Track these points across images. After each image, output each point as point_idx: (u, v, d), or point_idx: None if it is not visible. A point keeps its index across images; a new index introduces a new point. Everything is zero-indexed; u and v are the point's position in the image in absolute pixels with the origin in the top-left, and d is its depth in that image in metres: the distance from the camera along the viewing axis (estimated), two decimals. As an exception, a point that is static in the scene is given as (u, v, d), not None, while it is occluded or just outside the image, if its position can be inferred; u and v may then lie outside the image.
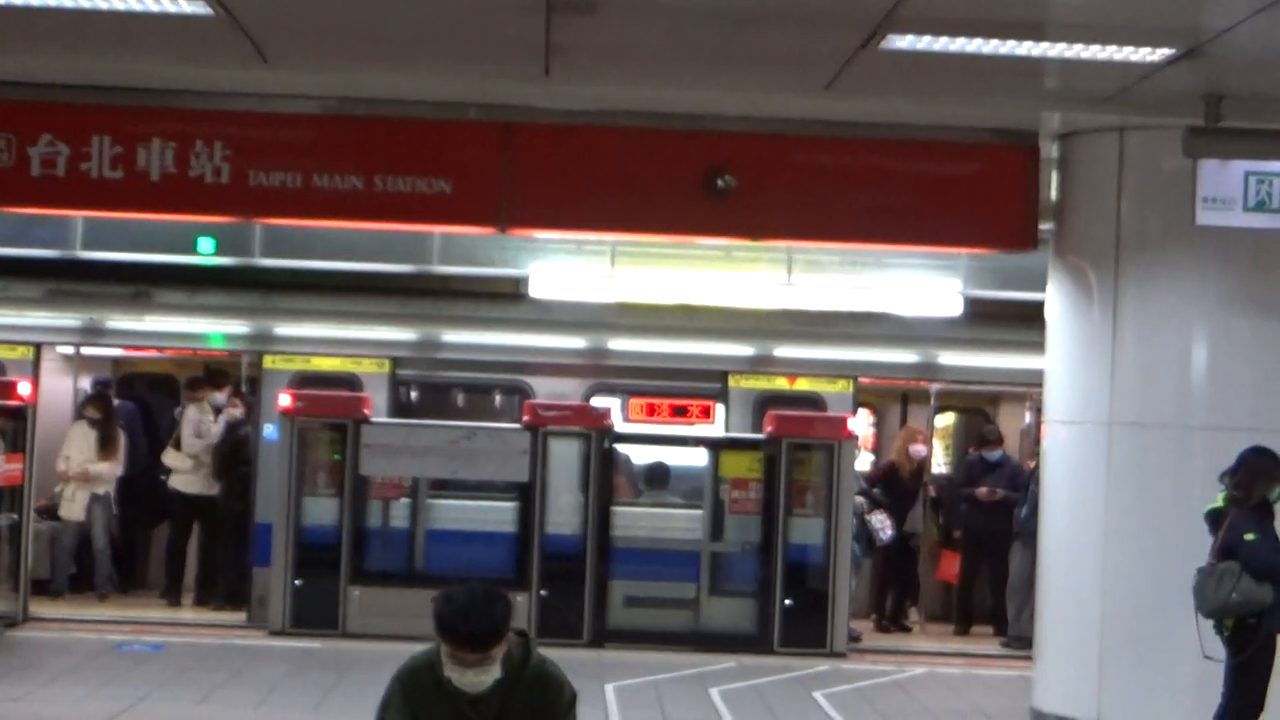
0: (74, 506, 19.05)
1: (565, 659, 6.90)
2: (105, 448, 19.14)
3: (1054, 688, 12.87)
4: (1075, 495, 12.65)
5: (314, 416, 18.00)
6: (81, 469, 18.98)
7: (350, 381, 19.00)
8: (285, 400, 17.95)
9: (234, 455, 19.03)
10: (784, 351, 19.42)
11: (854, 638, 18.19)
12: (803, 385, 19.40)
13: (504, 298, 19.64)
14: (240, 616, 18.48)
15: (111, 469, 19.21)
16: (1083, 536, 12.53)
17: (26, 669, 15.36)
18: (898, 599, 20.05)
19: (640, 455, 19.46)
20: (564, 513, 18.17)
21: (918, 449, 19.84)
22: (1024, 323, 17.93)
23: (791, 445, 17.97)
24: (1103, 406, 12.36)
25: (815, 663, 17.08)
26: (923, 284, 19.20)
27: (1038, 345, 13.57)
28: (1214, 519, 11.04)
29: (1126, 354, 12.30)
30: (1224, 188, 11.63)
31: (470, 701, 6.45)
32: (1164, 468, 12.22)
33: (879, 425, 21.94)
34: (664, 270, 18.83)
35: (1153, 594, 12.05)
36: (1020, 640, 17.82)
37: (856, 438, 18.62)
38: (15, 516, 17.68)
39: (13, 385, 17.70)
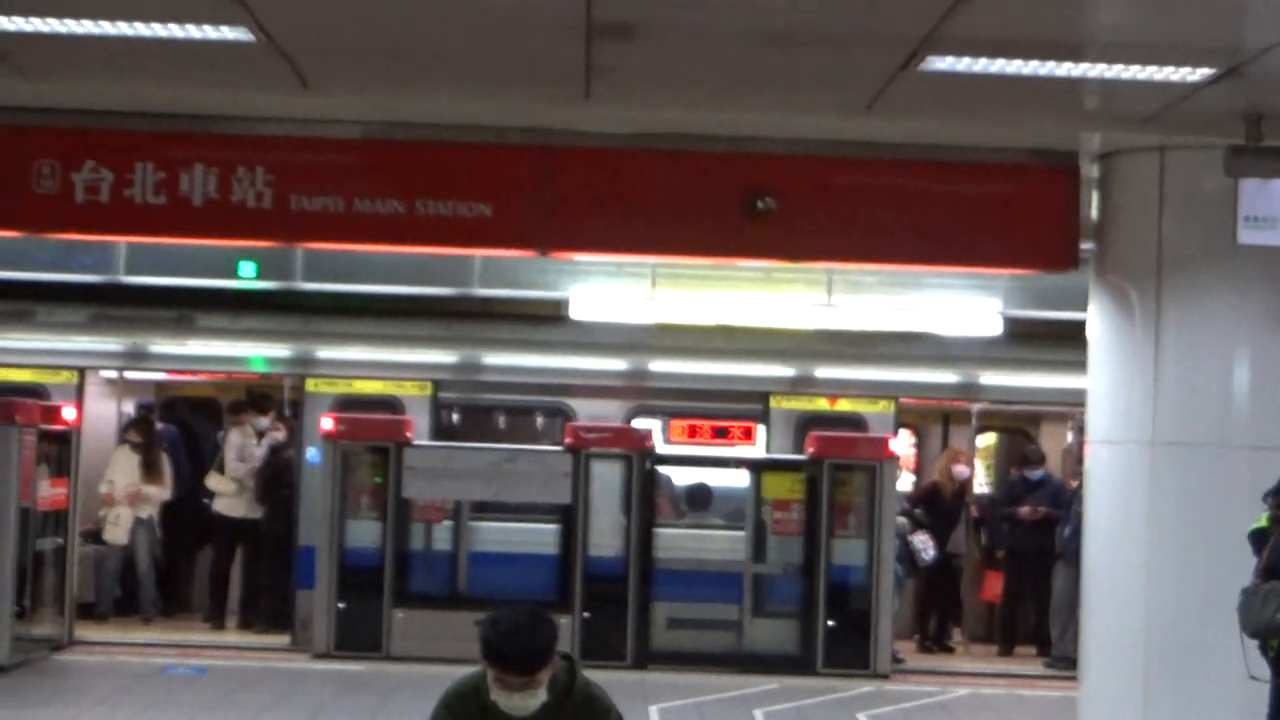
0: (118, 530, 19.15)
1: (608, 681, 6.91)
2: (149, 472, 19.23)
3: (1099, 709, 12.81)
4: (1118, 515, 12.60)
5: (356, 439, 18.06)
6: (132, 490, 19.05)
7: (392, 404, 19.05)
8: (328, 423, 18.01)
9: (276, 479, 19.09)
10: (825, 372, 19.42)
11: (897, 659, 18.15)
12: (844, 406, 19.40)
13: (545, 320, 19.69)
14: (284, 639, 18.53)
15: (158, 492, 19.29)
16: (1126, 557, 12.48)
17: (72, 692, 15.42)
18: (940, 620, 20.01)
19: (682, 477, 19.47)
20: (606, 535, 18.19)
21: (960, 469, 19.80)
22: (1065, 342, 17.93)
23: (833, 466, 17.97)
24: (1145, 426, 12.32)
25: (858, 684, 17.06)
26: (963, 304, 19.20)
27: (1079, 365, 13.54)
28: (1258, 539, 10.98)
29: (1168, 373, 12.25)
30: (1265, 206, 11.61)
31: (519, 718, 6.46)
32: (1207, 487, 12.17)
33: (920, 445, 21.90)
34: (704, 292, 18.87)
35: (1197, 614, 11.99)
36: (1064, 660, 17.77)
37: (898, 458, 18.60)
38: (60, 540, 17.75)
39: (57, 410, 17.79)
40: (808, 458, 18.15)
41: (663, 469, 18.89)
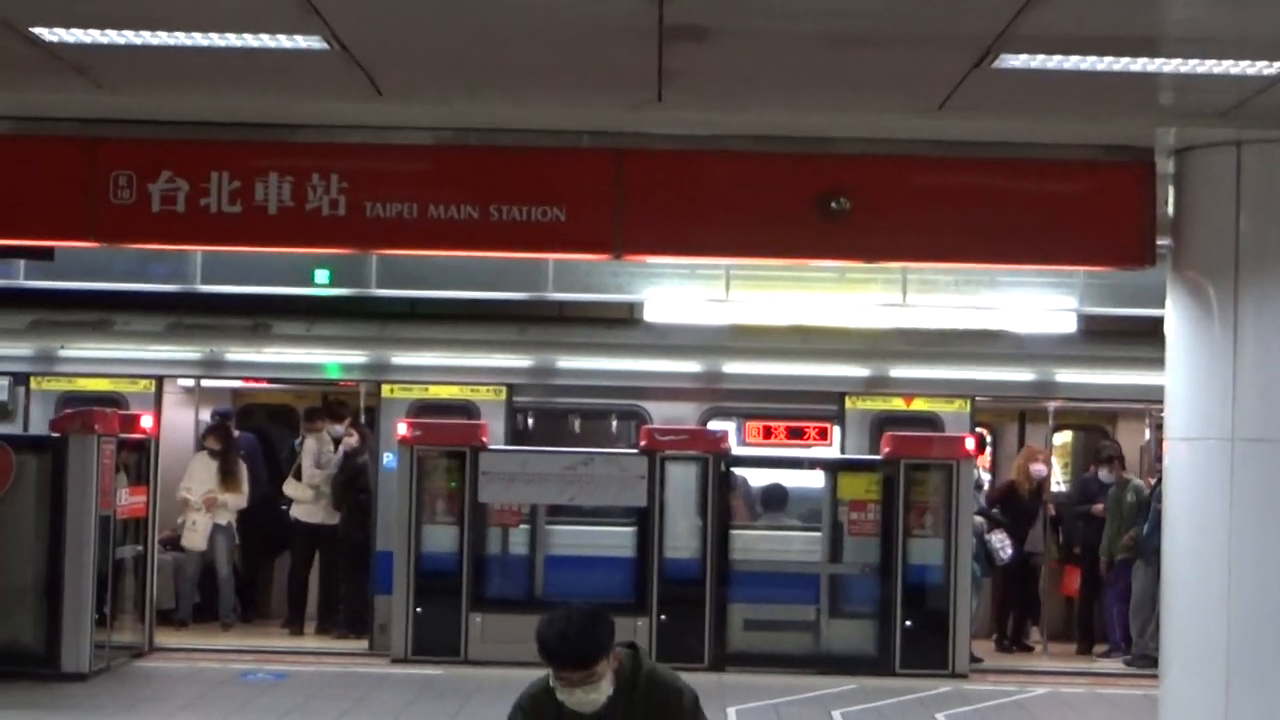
0: (196, 536, 19.28)
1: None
2: (226, 479, 19.35)
3: (1180, 708, 12.72)
4: (1198, 512, 12.51)
5: (432, 445, 18.13)
6: (208, 496, 19.17)
7: (467, 409, 19.12)
8: (403, 429, 18.08)
9: (351, 484, 19.16)
10: (900, 372, 19.39)
11: (975, 659, 18.09)
12: (919, 405, 19.35)
13: (619, 323, 19.73)
14: (362, 644, 18.62)
15: (235, 499, 19.41)
16: (1206, 554, 12.39)
17: (153, 699, 15.53)
18: (1019, 619, 19.93)
19: (757, 478, 19.46)
20: (682, 537, 18.21)
21: (1038, 468, 19.73)
22: (1141, 339, 17.85)
23: (909, 466, 17.95)
24: (1225, 422, 12.22)
25: (936, 684, 17.03)
26: (1038, 302, 19.13)
27: (1156, 362, 13.46)
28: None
29: (1248, 369, 12.16)
30: (1343, 199, 11.54)
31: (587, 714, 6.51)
32: (1289, 483, 12.08)
33: (996, 444, 21.83)
34: (778, 293, 18.87)
35: (1280, 611, 11.92)
36: (1144, 659, 17.70)
37: (974, 457, 18.54)
38: (140, 548, 17.88)
39: (136, 418, 17.92)
40: (883, 458, 18.13)
41: (738, 470, 18.88)
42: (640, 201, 12.59)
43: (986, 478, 21.04)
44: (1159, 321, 13.34)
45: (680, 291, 19.05)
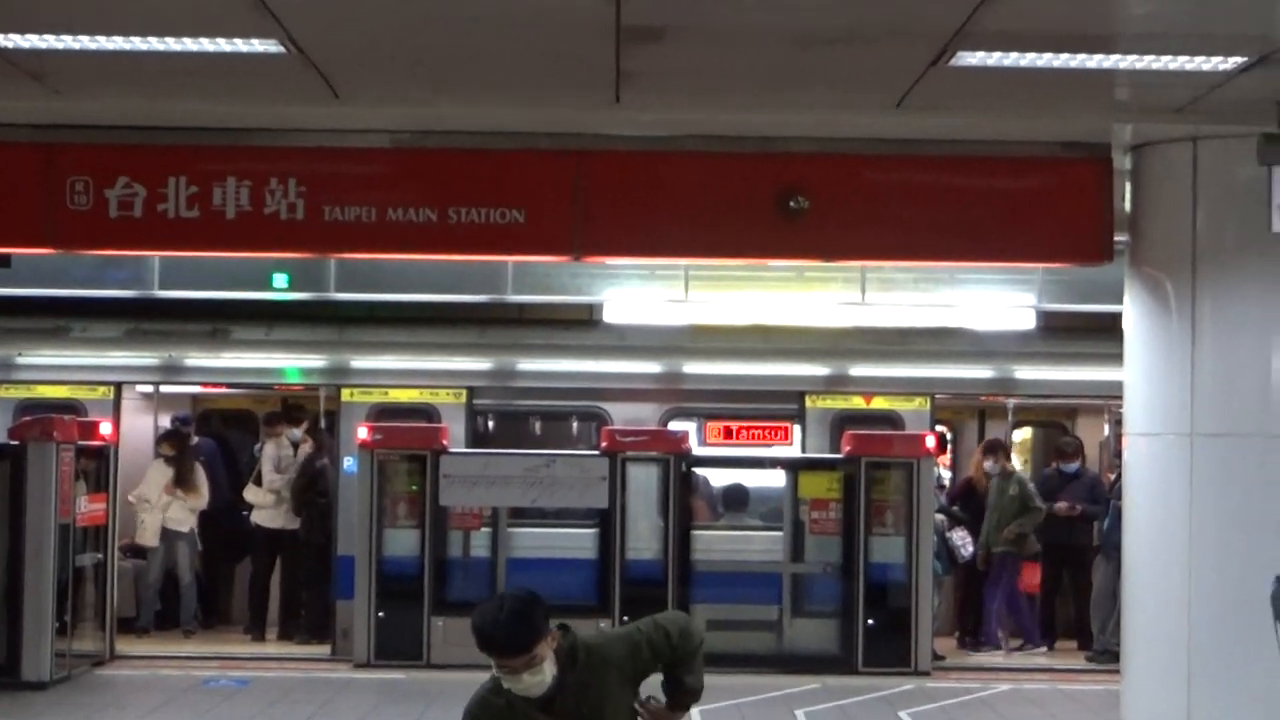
0: (147, 533, 19.20)
1: (649, 684, 6.96)
2: (182, 484, 19.27)
3: (1142, 702, 12.77)
4: (1158, 507, 12.56)
5: (392, 448, 18.09)
6: (169, 487, 19.09)
7: (427, 412, 19.09)
8: (364, 433, 18.05)
9: (310, 488, 19.12)
10: (860, 370, 19.42)
11: (938, 656, 18.12)
12: (879, 404, 19.39)
13: (578, 324, 19.72)
14: (324, 649, 18.58)
15: (195, 500, 19.34)
16: (1167, 549, 12.45)
17: (115, 707, 15.47)
18: (978, 615, 19.97)
19: (718, 478, 19.47)
20: (644, 538, 18.20)
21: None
22: (1100, 335, 17.91)
23: (870, 464, 17.96)
24: (1184, 417, 12.28)
25: (900, 682, 17.06)
26: (997, 299, 19.18)
27: (1115, 357, 13.51)
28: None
29: (1206, 364, 12.21)
30: (1299, 194, 11.58)
31: (541, 707, 6.54)
32: (1247, 477, 12.12)
33: (956, 442, 21.87)
34: (737, 292, 18.88)
35: (1240, 605, 11.95)
36: (1106, 654, 17.76)
37: (935, 455, 18.56)
38: (100, 556, 17.81)
39: (95, 425, 17.85)
40: (844, 456, 18.15)
41: (699, 471, 18.89)
42: (599, 203, 12.59)
43: (947, 475, 21.07)
44: (1118, 317, 13.41)
45: (640, 292, 19.05)
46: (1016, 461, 21.43)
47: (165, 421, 20.62)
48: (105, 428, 17.98)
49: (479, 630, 6.47)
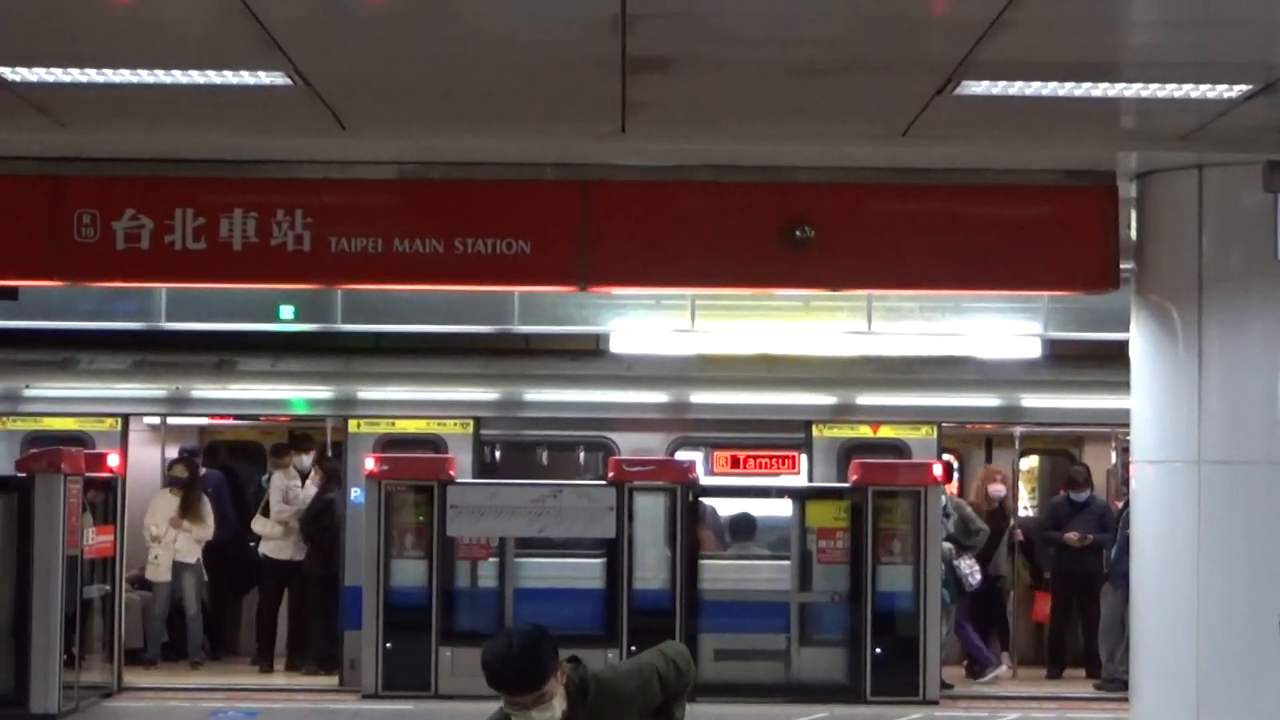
0: (159, 569, 19.19)
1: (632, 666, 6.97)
2: (189, 513, 19.26)
3: (1151, 730, 12.76)
4: (1166, 535, 12.55)
5: (399, 479, 18.08)
6: (175, 518, 19.07)
7: (434, 443, 19.08)
8: (371, 464, 18.04)
9: (318, 520, 19.10)
10: (866, 399, 19.41)
11: (946, 685, 18.08)
12: (886, 433, 19.37)
13: (585, 355, 19.74)
14: (332, 680, 18.55)
15: (200, 530, 19.33)
16: (1175, 576, 12.43)
17: (123, 739, 15.46)
18: (985, 643, 19.95)
19: (726, 508, 19.46)
20: (651, 567, 18.18)
21: (996, 489, 19.77)
22: (1107, 363, 17.90)
23: (877, 493, 17.93)
24: (1191, 445, 12.27)
25: (907, 711, 17.01)
26: (1003, 327, 19.18)
27: (1121, 385, 13.51)
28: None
29: (1213, 391, 12.20)
30: (1306, 221, 11.60)
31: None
32: (1255, 504, 12.11)
33: (963, 470, 21.85)
34: (744, 322, 18.87)
35: (1249, 632, 11.94)
36: (1114, 682, 17.72)
37: (942, 483, 18.54)
38: (107, 587, 17.80)
39: (102, 457, 17.85)
40: (851, 485, 18.13)
41: (707, 500, 18.88)
42: (605, 233, 12.60)
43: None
44: (1124, 345, 13.39)
45: (646, 322, 19.05)
46: (1024, 490, 21.43)
47: (172, 453, 20.62)
48: (113, 459, 17.98)
49: (488, 666, 6.46)
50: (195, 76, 10.34)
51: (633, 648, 17.57)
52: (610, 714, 6.65)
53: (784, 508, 18.76)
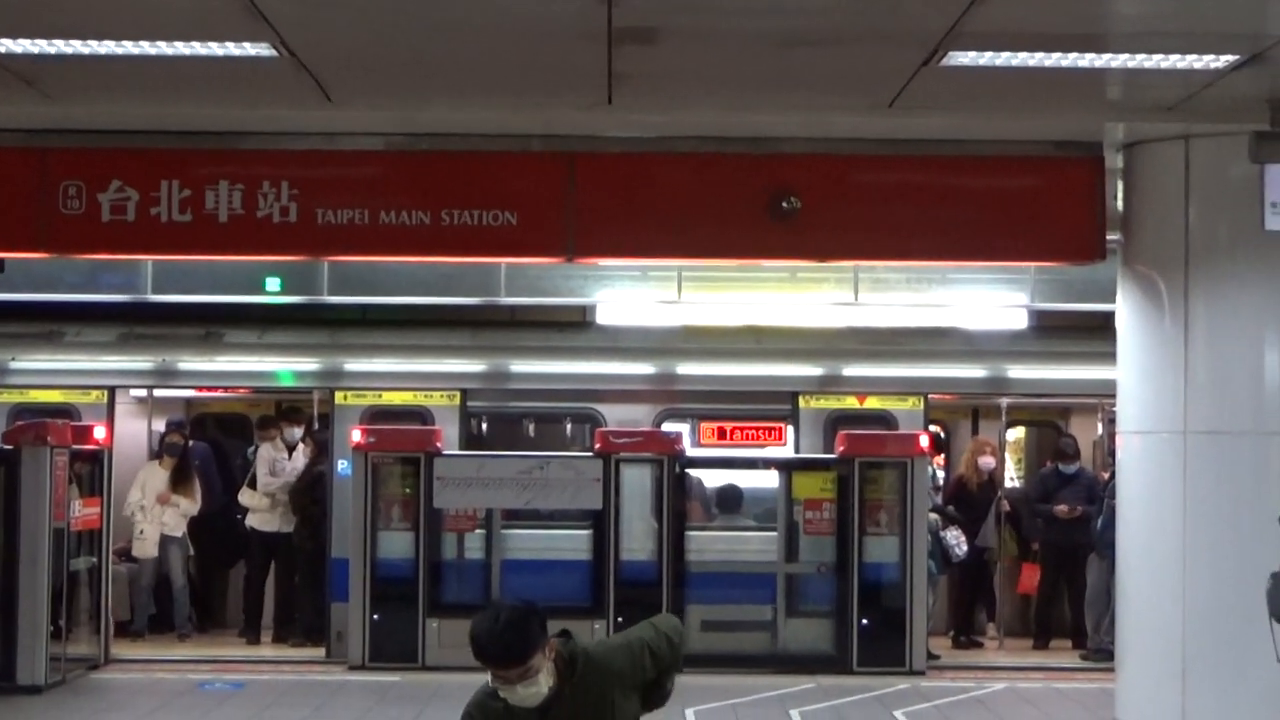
0: (146, 544, 19.18)
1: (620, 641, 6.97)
2: (180, 485, 19.25)
3: (1137, 699, 12.80)
4: (1152, 505, 12.59)
5: (386, 451, 18.07)
6: (164, 494, 19.06)
7: (421, 415, 19.08)
8: (357, 436, 18.04)
9: (308, 493, 19.10)
10: (853, 370, 19.43)
11: (932, 656, 18.12)
12: (873, 404, 19.39)
13: (572, 326, 19.74)
14: (319, 652, 18.56)
15: (189, 504, 19.32)
16: (1161, 546, 12.47)
17: (110, 711, 15.47)
18: (970, 613, 19.99)
19: (712, 479, 19.48)
20: (638, 539, 18.19)
21: (986, 461, 19.78)
22: (1093, 334, 17.93)
23: (864, 464, 17.95)
24: (1177, 415, 12.30)
25: (894, 681, 17.05)
26: (989, 299, 19.19)
27: (1108, 356, 13.54)
28: (1293, 524, 10.97)
29: (1199, 362, 12.24)
30: (1291, 192, 11.62)
31: (539, 716, 6.54)
32: (1241, 474, 12.15)
33: (950, 441, 21.88)
34: (730, 293, 18.89)
35: (1234, 602, 11.98)
36: (1100, 653, 17.76)
37: (928, 454, 18.57)
38: (94, 560, 17.80)
39: (88, 429, 17.84)
40: (838, 457, 18.14)
41: (693, 472, 18.90)
42: (592, 204, 12.62)
43: (940, 475, 21.07)
44: (1110, 316, 13.42)
45: (632, 294, 19.05)
46: (1010, 461, 21.45)
47: (159, 426, 20.58)
48: (99, 432, 17.97)
49: (474, 640, 6.45)
50: (181, 48, 10.33)
51: (620, 619, 17.61)
52: (599, 689, 6.65)
53: (770, 479, 18.78)
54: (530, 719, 6.56)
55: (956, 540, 19.05)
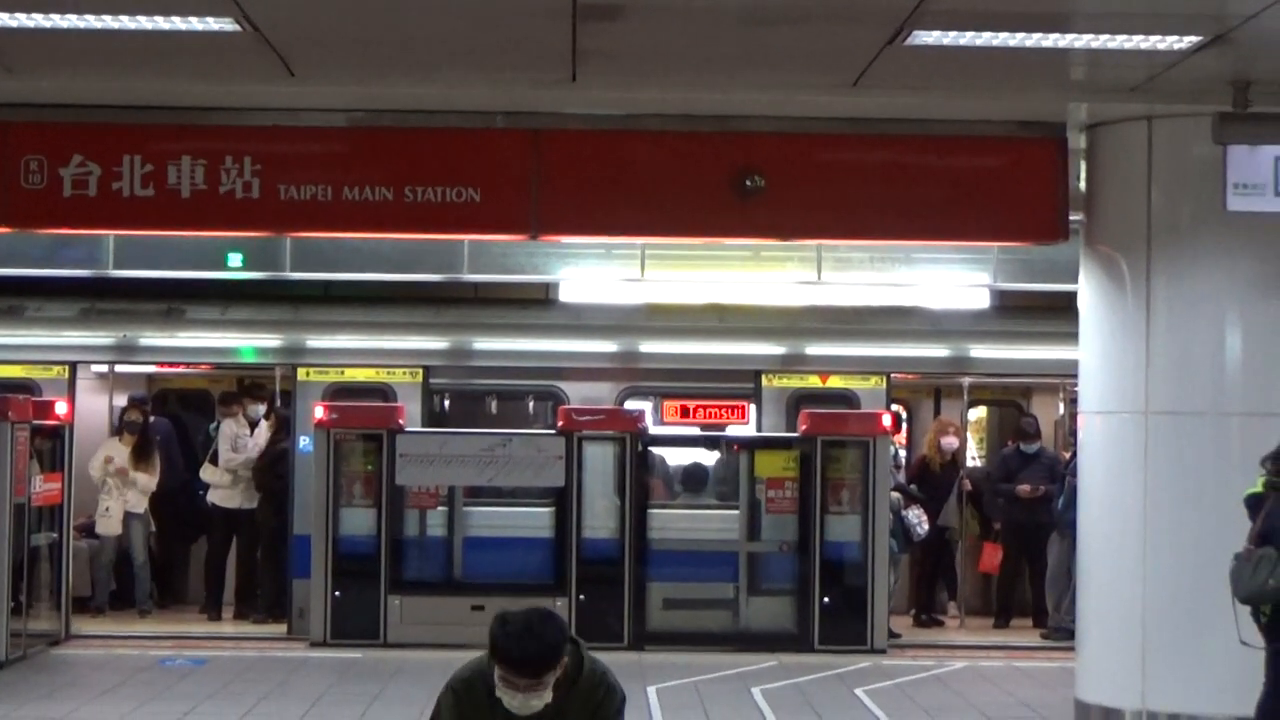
0: (111, 521, 19.12)
1: (605, 662, 6.92)
2: (140, 461, 19.19)
3: (1097, 678, 12.86)
4: (1113, 485, 12.64)
5: (348, 428, 18.04)
6: (121, 468, 19.01)
7: (384, 392, 19.05)
8: (319, 412, 18.00)
9: (271, 470, 19.06)
10: (815, 349, 19.44)
11: (893, 635, 18.17)
12: (835, 383, 19.40)
13: (535, 304, 19.72)
14: (281, 629, 18.54)
15: (147, 480, 19.25)
16: (1122, 526, 12.53)
17: (70, 686, 15.42)
18: (932, 592, 20.04)
19: (675, 457, 19.49)
20: (600, 517, 18.19)
21: (949, 441, 19.81)
22: (1055, 314, 17.96)
23: (826, 443, 17.96)
24: (1138, 396, 12.35)
25: (856, 660, 17.09)
26: (952, 278, 19.21)
27: (1069, 336, 13.58)
28: (1253, 504, 10.98)
29: (1160, 342, 12.28)
30: (1253, 173, 11.65)
31: (523, 716, 6.44)
32: (1202, 455, 12.21)
33: (912, 420, 21.92)
34: (694, 272, 18.88)
35: (1194, 582, 12.03)
36: (1060, 631, 17.82)
37: (890, 433, 18.59)
38: (55, 535, 17.74)
39: (49, 405, 17.77)
40: (800, 435, 18.16)
41: (656, 450, 18.90)
42: (556, 182, 12.61)
43: (903, 454, 21.11)
44: (1073, 296, 13.45)
45: (596, 271, 19.03)
46: (972, 441, 21.50)
47: (120, 401, 20.53)
48: (60, 407, 17.90)
49: (498, 641, 6.30)
50: (144, 22, 10.30)
51: (581, 597, 17.62)
52: (591, 704, 6.55)
53: (733, 458, 18.80)
54: (511, 712, 6.45)
55: (918, 519, 19.08)
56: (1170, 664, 12.27)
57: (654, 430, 19.04)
